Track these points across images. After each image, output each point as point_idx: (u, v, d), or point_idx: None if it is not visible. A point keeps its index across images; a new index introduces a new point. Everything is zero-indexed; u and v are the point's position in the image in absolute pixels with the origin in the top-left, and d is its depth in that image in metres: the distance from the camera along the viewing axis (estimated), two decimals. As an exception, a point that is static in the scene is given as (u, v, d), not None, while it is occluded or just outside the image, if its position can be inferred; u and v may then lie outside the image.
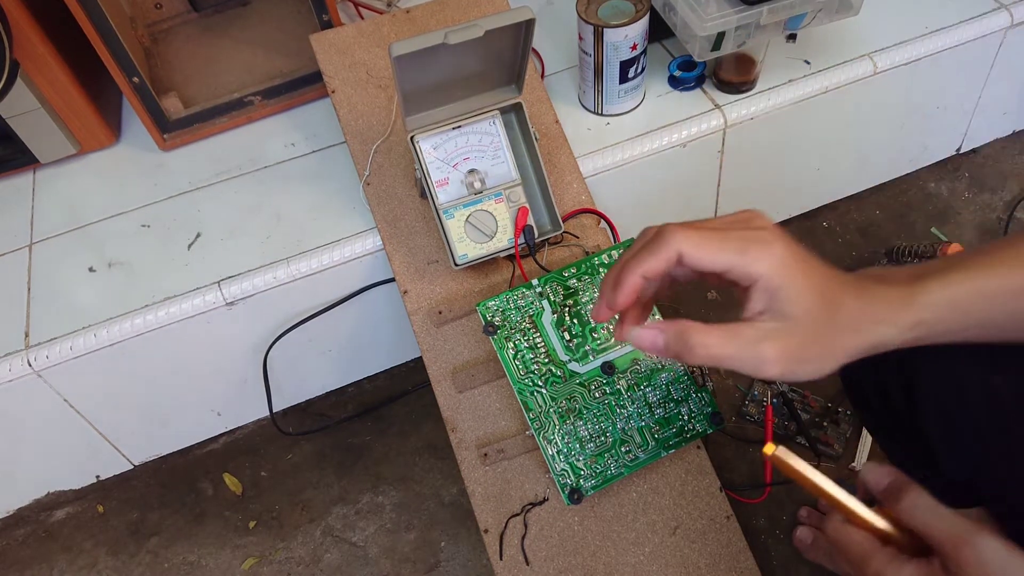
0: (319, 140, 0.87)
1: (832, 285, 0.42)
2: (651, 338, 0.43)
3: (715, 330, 0.41)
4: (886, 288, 0.42)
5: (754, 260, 0.41)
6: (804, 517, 0.78)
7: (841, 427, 0.84)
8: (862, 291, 0.42)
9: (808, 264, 0.41)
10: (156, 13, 0.96)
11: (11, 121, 0.81)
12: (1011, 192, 1.05)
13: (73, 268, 0.80)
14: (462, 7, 0.85)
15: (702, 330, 0.41)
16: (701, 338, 0.41)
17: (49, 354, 0.74)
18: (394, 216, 0.77)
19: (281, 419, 0.93)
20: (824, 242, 1.01)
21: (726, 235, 0.42)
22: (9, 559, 0.87)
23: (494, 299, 0.70)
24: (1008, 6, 0.89)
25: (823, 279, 0.42)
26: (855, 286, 0.42)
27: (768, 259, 0.40)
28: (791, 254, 0.41)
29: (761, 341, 0.41)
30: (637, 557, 0.66)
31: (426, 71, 0.64)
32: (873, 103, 0.90)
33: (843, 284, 0.42)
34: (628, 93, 0.82)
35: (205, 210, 0.83)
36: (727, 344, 0.41)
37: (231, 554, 0.85)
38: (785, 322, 0.41)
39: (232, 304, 0.77)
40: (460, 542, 0.82)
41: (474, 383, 0.71)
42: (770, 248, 0.41)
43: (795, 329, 0.41)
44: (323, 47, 0.83)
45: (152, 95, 0.83)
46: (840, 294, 0.41)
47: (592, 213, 0.77)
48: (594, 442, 0.67)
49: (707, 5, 0.74)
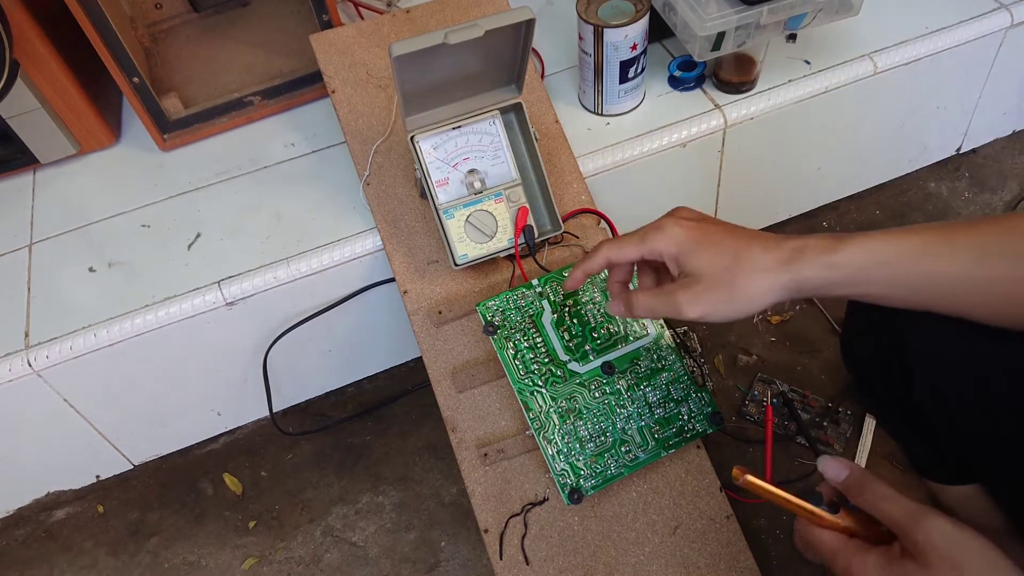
0: (319, 140, 0.87)
1: (735, 243, 0.52)
2: (615, 307, 0.58)
3: (647, 291, 0.56)
4: (801, 241, 0.50)
5: (652, 243, 0.54)
6: None
7: (841, 427, 0.84)
8: (770, 244, 0.51)
9: (706, 230, 0.53)
10: (156, 13, 0.96)
11: (11, 121, 0.81)
12: (1011, 192, 1.05)
13: (73, 268, 0.80)
14: (462, 7, 0.85)
15: (638, 293, 0.56)
16: (637, 298, 0.56)
17: (49, 354, 0.74)
18: (394, 216, 0.77)
19: (281, 419, 0.93)
20: (824, 242, 1.01)
21: (634, 233, 0.56)
22: (9, 559, 0.87)
23: (494, 299, 0.70)
24: (1008, 6, 0.89)
25: (724, 239, 0.52)
26: (764, 240, 0.51)
27: (662, 239, 0.54)
28: (683, 229, 0.53)
29: (676, 292, 0.53)
30: (637, 557, 0.66)
31: (426, 71, 0.64)
32: (873, 103, 0.90)
33: (751, 240, 0.52)
34: (628, 93, 0.82)
35: (205, 210, 0.83)
36: (653, 300, 0.55)
37: (231, 554, 0.85)
38: (694, 276, 0.52)
39: (232, 304, 0.77)
40: (460, 542, 0.82)
41: (474, 383, 0.71)
42: (662, 231, 0.54)
43: (703, 279, 0.52)
44: (323, 47, 0.83)
45: (152, 95, 0.83)
46: (744, 248, 0.51)
47: (592, 213, 0.77)
48: (594, 442, 0.67)
49: (707, 5, 0.74)
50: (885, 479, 0.46)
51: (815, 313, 0.95)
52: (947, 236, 0.47)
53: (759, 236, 0.52)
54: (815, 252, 0.49)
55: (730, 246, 0.51)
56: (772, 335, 0.93)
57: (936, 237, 0.48)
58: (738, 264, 0.51)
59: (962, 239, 0.47)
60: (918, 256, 0.48)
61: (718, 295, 0.51)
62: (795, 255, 0.50)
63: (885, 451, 0.83)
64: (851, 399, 0.86)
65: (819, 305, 0.95)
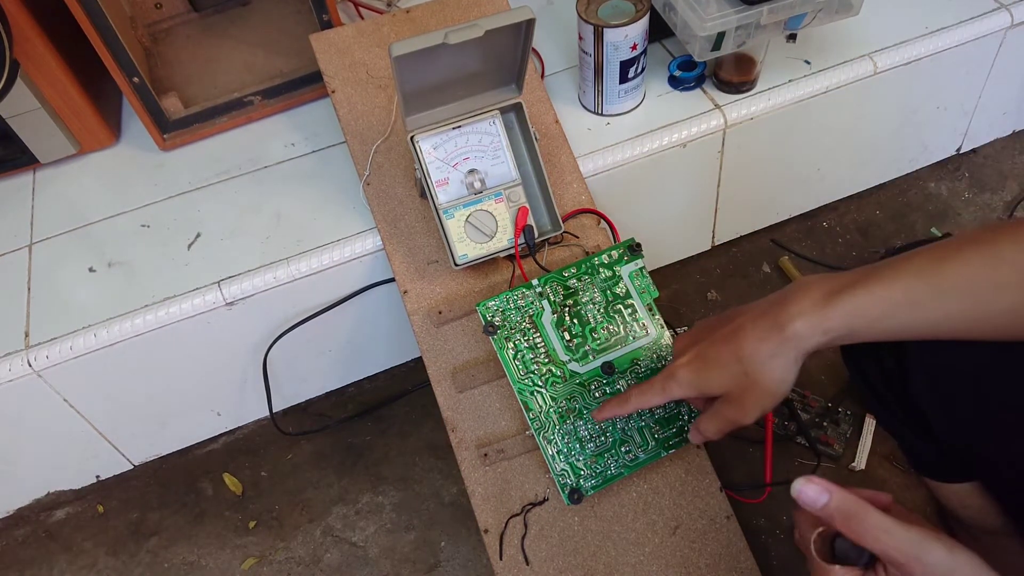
0: (319, 140, 0.87)
1: (728, 348, 0.53)
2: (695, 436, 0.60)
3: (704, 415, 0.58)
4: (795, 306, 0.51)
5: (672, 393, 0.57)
6: None
7: (841, 427, 0.84)
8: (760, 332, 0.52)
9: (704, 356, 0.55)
10: (156, 13, 0.96)
11: (11, 121, 0.81)
12: (1011, 192, 1.05)
13: (73, 268, 0.80)
14: (462, 7, 0.85)
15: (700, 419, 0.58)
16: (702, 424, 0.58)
17: (49, 354, 0.74)
18: (394, 216, 0.77)
19: (281, 419, 0.93)
20: (824, 242, 1.01)
21: (655, 383, 0.59)
22: (9, 559, 0.87)
23: (494, 299, 0.69)
24: (1008, 6, 0.89)
25: (719, 352, 0.54)
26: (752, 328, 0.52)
27: (678, 388, 0.57)
28: (689, 370, 0.56)
29: (723, 412, 0.55)
30: (637, 557, 0.66)
31: (426, 71, 0.64)
32: (873, 103, 0.90)
33: (740, 336, 0.53)
34: (628, 93, 0.82)
35: (205, 210, 0.83)
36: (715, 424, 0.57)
37: (231, 554, 0.85)
38: (724, 395, 0.55)
39: (232, 304, 0.77)
40: (460, 542, 0.82)
41: (474, 383, 0.71)
42: (676, 380, 0.57)
43: (731, 394, 0.54)
44: (323, 47, 0.83)
45: (152, 95, 0.83)
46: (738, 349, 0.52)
47: (592, 213, 0.77)
48: (594, 442, 0.67)
49: (707, 5, 0.74)
50: (885, 479, 0.45)
51: (815, 313, 0.94)
52: (933, 280, 0.47)
53: (749, 324, 0.52)
54: (806, 324, 0.50)
55: (729, 355, 0.53)
56: (772, 335, 0.93)
57: (921, 283, 0.47)
58: (745, 367, 0.52)
59: (949, 279, 0.47)
60: (905, 308, 0.48)
61: (752, 398, 0.53)
62: (789, 333, 0.50)
63: (885, 451, 0.83)
64: (851, 399, 0.86)
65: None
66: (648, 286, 0.71)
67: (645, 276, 0.72)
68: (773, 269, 1.00)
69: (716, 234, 0.99)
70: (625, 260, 0.72)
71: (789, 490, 0.45)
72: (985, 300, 0.46)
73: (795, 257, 0.99)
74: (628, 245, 0.72)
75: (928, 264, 0.48)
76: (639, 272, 0.72)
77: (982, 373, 0.52)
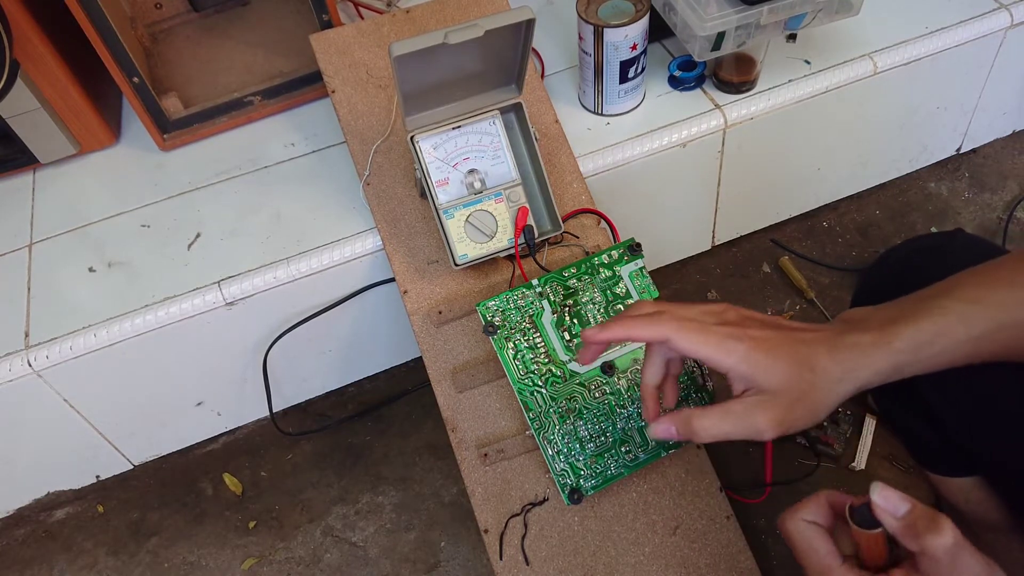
0: (319, 140, 0.87)
1: (803, 350, 0.47)
2: (664, 431, 0.50)
3: (712, 412, 0.48)
4: (858, 336, 0.48)
5: (724, 355, 0.48)
6: None
7: (841, 427, 0.84)
8: (835, 348, 0.48)
9: (774, 342, 0.48)
10: (156, 13, 0.96)
11: (11, 121, 0.81)
12: (1011, 192, 1.05)
13: (73, 268, 0.80)
14: (462, 7, 0.85)
15: (700, 414, 0.48)
16: (701, 422, 0.48)
17: (49, 354, 0.74)
18: (394, 216, 0.77)
19: (281, 419, 0.93)
20: (824, 242, 1.01)
21: (705, 329, 0.49)
22: (9, 559, 0.87)
23: (494, 299, 0.69)
24: (1008, 6, 0.89)
25: (793, 348, 0.48)
26: (828, 344, 0.48)
27: (734, 355, 0.47)
28: (755, 344, 0.47)
29: (750, 414, 0.47)
30: (637, 557, 0.66)
31: (426, 71, 0.64)
32: (873, 103, 0.90)
33: (815, 345, 0.48)
34: (628, 93, 0.82)
35: (205, 210, 0.83)
36: (723, 423, 0.48)
37: (231, 554, 0.85)
38: (765, 394, 0.47)
39: (232, 304, 0.77)
40: (460, 542, 0.82)
41: (474, 383, 0.71)
42: (736, 345, 0.48)
43: (777, 398, 0.47)
44: (323, 47, 0.83)
45: (152, 95, 0.83)
46: (814, 356, 0.47)
47: (592, 213, 0.77)
48: (594, 442, 0.67)
49: (707, 5, 0.74)
50: (886, 479, 0.45)
51: (815, 313, 0.95)
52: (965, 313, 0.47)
53: (821, 338, 0.48)
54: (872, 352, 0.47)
55: (806, 358, 0.47)
56: (772, 335, 0.93)
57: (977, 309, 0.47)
58: (815, 376, 0.47)
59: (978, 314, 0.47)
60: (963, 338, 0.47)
61: (799, 412, 0.47)
62: (857, 362, 0.47)
63: (885, 451, 0.83)
64: (851, 399, 0.86)
65: (819, 305, 0.95)
66: (648, 286, 0.71)
67: (645, 276, 0.72)
68: (773, 269, 1.00)
69: (716, 234, 0.99)
70: (625, 260, 0.72)
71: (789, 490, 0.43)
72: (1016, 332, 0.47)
73: (795, 257, 1.00)
74: (628, 245, 0.72)
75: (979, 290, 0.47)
76: (639, 272, 0.72)
77: (989, 369, 0.52)
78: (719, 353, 0.48)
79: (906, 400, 0.65)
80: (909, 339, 0.47)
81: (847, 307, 0.70)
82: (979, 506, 0.68)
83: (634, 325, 0.50)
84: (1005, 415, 0.54)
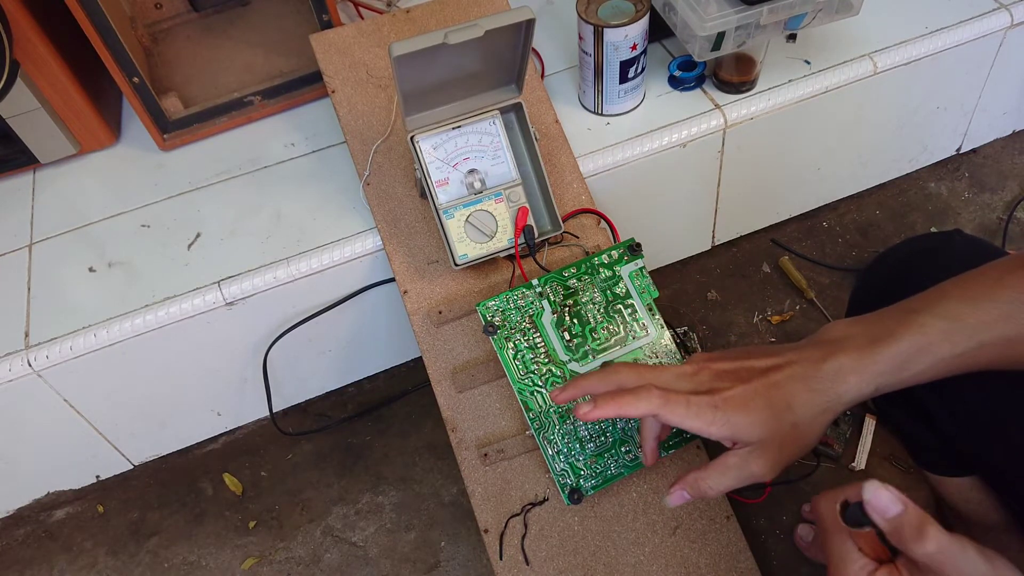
0: (319, 140, 0.87)
1: (778, 395, 0.49)
2: (679, 498, 0.53)
3: (712, 471, 0.51)
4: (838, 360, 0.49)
5: (707, 426, 0.50)
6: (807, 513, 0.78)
7: (841, 427, 0.84)
8: (813, 380, 0.49)
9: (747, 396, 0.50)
10: (156, 13, 0.96)
11: (11, 121, 0.81)
12: (1011, 192, 1.05)
13: (73, 268, 0.80)
14: (462, 7, 0.85)
15: (704, 476, 0.51)
16: (707, 482, 0.51)
17: (49, 354, 0.74)
18: (394, 216, 0.77)
19: (281, 419, 0.93)
20: (824, 242, 1.01)
21: (687, 402, 0.50)
22: (9, 559, 0.87)
23: (494, 299, 0.69)
24: (1008, 6, 0.89)
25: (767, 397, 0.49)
26: (804, 379, 0.49)
27: (715, 424, 0.50)
28: (731, 406, 0.49)
29: (746, 465, 0.50)
30: (637, 557, 0.66)
31: (426, 71, 0.64)
32: (873, 103, 0.90)
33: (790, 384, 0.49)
34: (628, 93, 0.82)
35: (205, 210, 0.83)
36: (724, 478, 0.51)
37: (231, 554, 0.85)
38: (753, 445, 0.49)
39: (232, 304, 0.77)
40: (460, 542, 0.82)
41: (474, 383, 0.71)
42: (714, 415, 0.50)
43: (765, 445, 0.49)
44: (323, 47, 0.83)
45: (152, 95, 0.83)
46: (790, 396, 0.49)
47: (592, 213, 0.77)
48: (594, 442, 0.67)
49: (707, 5, 0.74)
50: (886, 480, 0.45)
51: (815, 313, 0.95)
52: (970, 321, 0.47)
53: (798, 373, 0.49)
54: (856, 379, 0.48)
55: (778, 400, 0.49)
56: (772, 335, 0.93)
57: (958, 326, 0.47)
58: (795, 414, 0.49)
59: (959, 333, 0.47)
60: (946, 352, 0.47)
61: (790, 450, 0.50)
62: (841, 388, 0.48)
63: (885, 452, 0.83)
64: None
65: (819, 305, 0.95)
66: (648, 286, 0.71)
67: (645, 276, 0.72)
68: (773, 269, 1.00)
69: (716, 234, 0.99)
70: (625, 260, 0.72)
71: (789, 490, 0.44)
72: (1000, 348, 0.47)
73: (795, 257, 1.00)
74: (628, 245, 0.72)
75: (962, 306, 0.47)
76: (639, 272, 0.72)
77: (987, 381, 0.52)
78: (701, 425, 0.50)
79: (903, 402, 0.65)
80: (890, 360, 0.48)
81: (847, 307, 0.70)
82: (978, 506, 0.68)
83: (625, 403, 0.52)
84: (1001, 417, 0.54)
